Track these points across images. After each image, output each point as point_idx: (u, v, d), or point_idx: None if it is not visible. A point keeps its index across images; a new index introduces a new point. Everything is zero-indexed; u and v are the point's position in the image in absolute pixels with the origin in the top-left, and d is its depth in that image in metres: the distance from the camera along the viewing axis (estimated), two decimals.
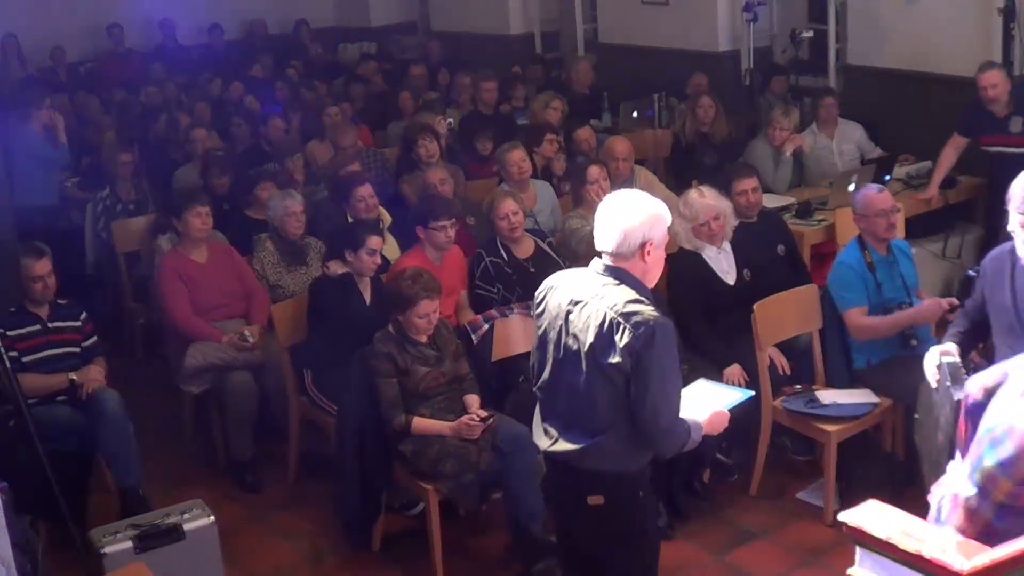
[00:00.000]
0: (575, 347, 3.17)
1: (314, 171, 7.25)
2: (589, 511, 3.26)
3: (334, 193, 6.08)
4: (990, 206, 6.97)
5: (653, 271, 3.24)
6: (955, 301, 4.64)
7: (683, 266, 5.05)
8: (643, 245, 3.16)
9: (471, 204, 6.32)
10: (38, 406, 4.67)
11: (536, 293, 3.41)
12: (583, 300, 3.17)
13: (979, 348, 4.11)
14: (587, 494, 3.25)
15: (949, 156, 6.57)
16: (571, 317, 3.19)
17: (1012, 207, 3.44)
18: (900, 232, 4.97)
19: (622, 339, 3.05)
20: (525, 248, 5.46)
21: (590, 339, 3.11)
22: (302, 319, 5.29)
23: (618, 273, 3.18)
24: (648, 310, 3.08)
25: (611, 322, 3.08)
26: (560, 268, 5.22)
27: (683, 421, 3.21)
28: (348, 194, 5.90)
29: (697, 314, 5.01)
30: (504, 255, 5.40)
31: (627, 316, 3.06)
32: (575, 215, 5.76)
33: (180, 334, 5.45)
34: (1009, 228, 3.52)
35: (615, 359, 3.06)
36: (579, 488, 3.28)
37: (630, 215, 3.17)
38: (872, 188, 4.99)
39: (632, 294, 3.13)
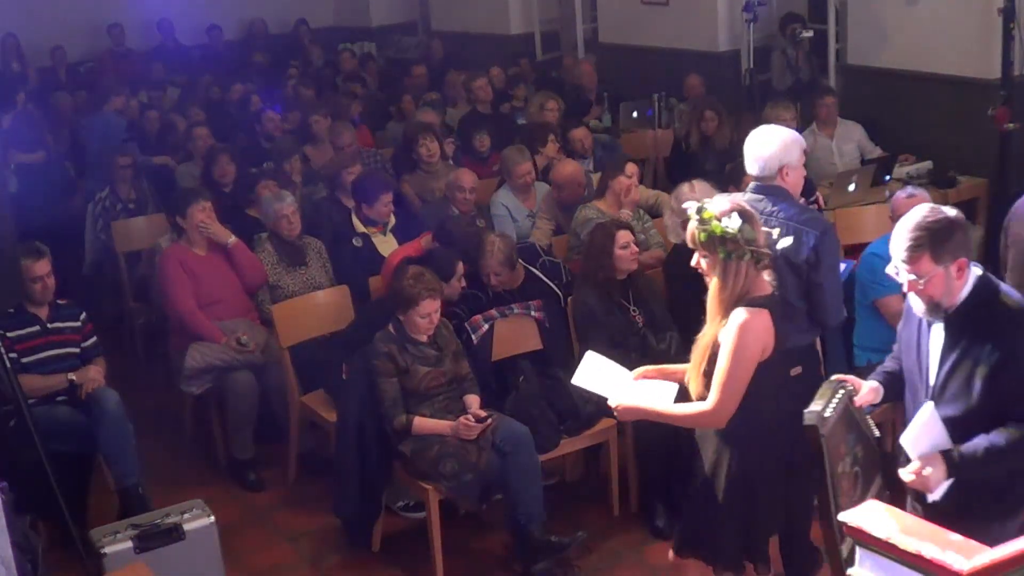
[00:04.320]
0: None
1: (312, 171, 7.25)
2: (792, 380, 3.57)
3: (357, 194, 6.05)
4: (991, 206, 7.00)
5: (795, 189, 4.05)
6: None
7: (676, 263, 5.05)
8: (781, 168, 3.94)
9: (478, 204, 6.34)
10: (38, 406, 4.66)
11: None
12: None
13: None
14: (792, 367, 3.61)
15: None
16: None
17: (895, 259, 3.06)
18: None
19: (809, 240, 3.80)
20: (515, 278, 5.25)
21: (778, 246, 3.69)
22: (302, 318, 5.30)
23: (768, 190, 3.93)
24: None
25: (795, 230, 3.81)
26: (549, 290, 5.24)
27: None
28: (373, 199, 5.88)
29: (695, 311, 4.99)
30: (487, 292, 5.20)
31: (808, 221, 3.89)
32: (591, 207, 5.76)
33: (182, 327, 5.45)
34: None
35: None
36: (787, 364, 3.57)
37: (765, 144, 3.92)
38: (903, 193, 4.89)
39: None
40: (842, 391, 3.14)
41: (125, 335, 6.90)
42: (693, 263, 3.37)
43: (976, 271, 3.05)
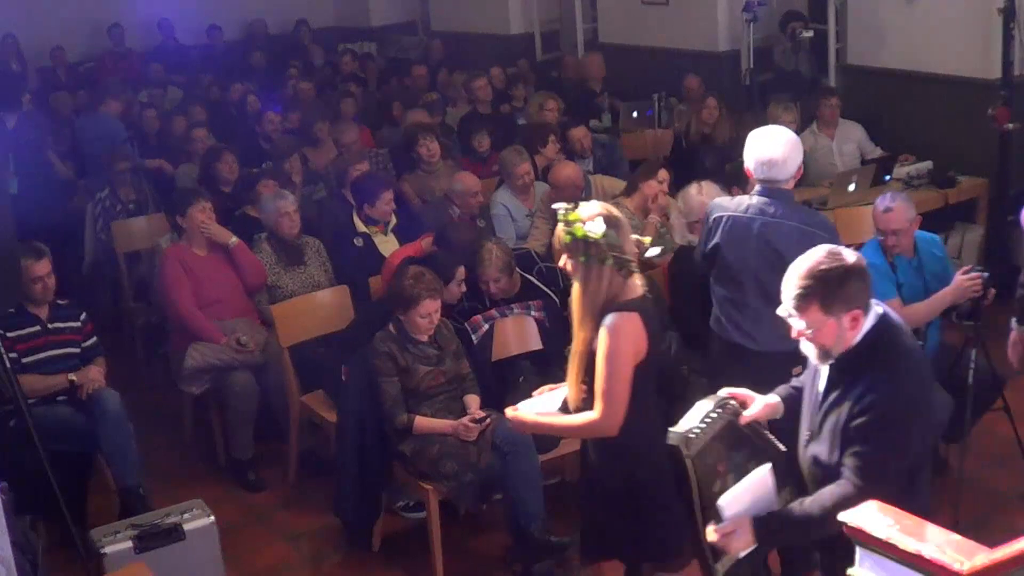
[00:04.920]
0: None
1: (312, 171, 7.26)
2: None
3: (357, 193, 6.06)
4: (991, 206, 7.00)
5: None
6: (969, 269, 4.59)
7: (681, 265, 5.06)
8: (796, 172, 4.08)
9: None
10: (38, 406, 4.67)
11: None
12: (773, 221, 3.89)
13: None
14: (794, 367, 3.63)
15: None
16: (767, 235, 3.93)
17: (784, 298, 2.90)
18: (909, 242, 4.86)
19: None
20: (513, 285, 5.23)
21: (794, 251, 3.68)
22: (302, 318, 5.30)
23: (777, 193, 4.00)
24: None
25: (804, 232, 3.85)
26: (547, 297, 5.24)
27: None
28: (374, 197, 5.88)
29: (697, 312, 5.00)
30: (485, 301, 5.19)
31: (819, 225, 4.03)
32: (620, 204, 5.77)
33: (182, 326, 5.45)
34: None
35: None
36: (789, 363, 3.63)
37: (778, 146, 4.00)
38: (880, 205, 4.80)
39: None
40: (720, 409, 3.02)
41: (125, 335, 6.90)
42: (560, 264, 3.37)
43: (876, 312, 2.86)
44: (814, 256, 2.85)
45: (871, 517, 2.54)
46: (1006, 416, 4.79)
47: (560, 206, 3.27)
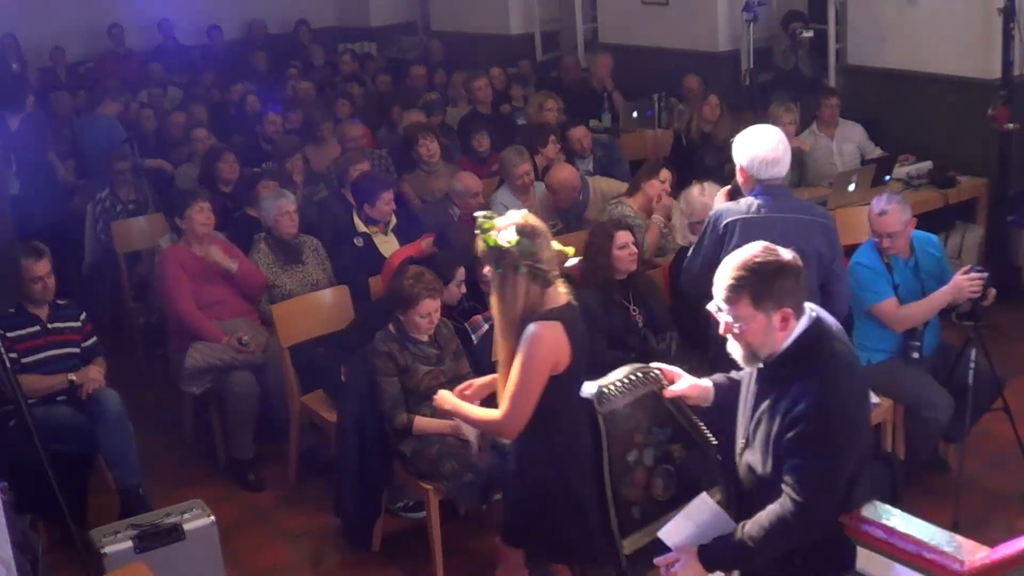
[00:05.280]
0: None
1: (313, 171, 7.26)
2: None
3: (357, 193, 6.06)
4: (991, 206, 7.00)
5: None
6: (969, 269, 4.60)
7: (682, 265, 5.04)
8: (789, 168, 4.09)
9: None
10: (38, 406, 4.67)
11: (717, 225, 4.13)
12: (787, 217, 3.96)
13: None
14: None
15: None
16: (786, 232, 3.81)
17: (716, 290, 2.86)
18: (905, 244, 4.87)
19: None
20: None
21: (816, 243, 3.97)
22: (302, 318, 5.30)
23: (777, 191, 4.05)
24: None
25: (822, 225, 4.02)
26: None
27: None
28: (374, 197, 5.88)
29: (698, 312, 4.99)
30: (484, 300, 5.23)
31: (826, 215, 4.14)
32: (625, 204, 5.79)
33: (182, 327, 5.45)
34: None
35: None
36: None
37: (773, 146, 3.98)
38: (875, 208, 4.78)
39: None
40: (641, 374, 3.00)
41: (125, 335, 6.90)
42: (485, 271, 3.38)
43: (809, 316, 2.81)
44: (750, 250, 2.82)
45: (871, 517, 2.55)
46: (1006, 416, 4.78)
47: (480, 214, 3.28)
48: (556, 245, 3.31)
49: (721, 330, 2.84)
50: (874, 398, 4.81)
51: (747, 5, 7.62)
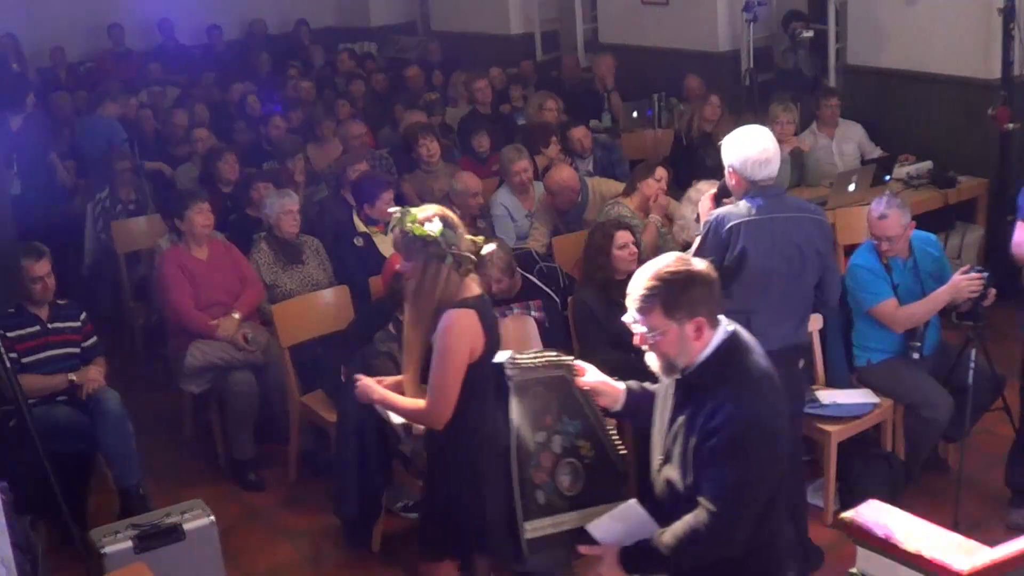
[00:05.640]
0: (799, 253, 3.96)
1: (314, 171, 7.26)
2: (796, 375, 4.09)
3: (357, 194, 6.06)
4: (991, 206, 7.00)
5: None
6: (969, 269, 4.62)
7: None
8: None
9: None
10: (38, 406, 4.67)
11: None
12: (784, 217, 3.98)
13: None
14: (799, 360, 4.10)
15: None
16: (785, 231, 3.96)
17: (629, 302, 2.82)
18: (904, 245, 4.87)
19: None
20: (514, 285, 5.21)
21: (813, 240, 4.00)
22: (302, 318, 5.30)
23: (772, 191, 4.03)
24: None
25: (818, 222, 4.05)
26: (547, 297, 5.24)
27: None
28: (374, 197, 5.88)
29: None
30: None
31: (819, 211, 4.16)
32: (622, 205, 5.78)
33: (180, 328, 5.45)
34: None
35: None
36: (797, 356, 4.09)
37: (766, 146, 3.97)
38: (875, 211, 4.78)
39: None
40: (555, 355, 3.02)
41: (125, 335, 6.90)
42: (398, 267, 3.42)
43: (725, 330, 2.80)
44: (662, 260, 2.82)
45: (871, 517, 2.55)
46: (1006, 416, 4.79)
47: (395, 210, 3.35)
48: (468, 236, 3.40)
49: (636, 341, 2.83)
50: (874, 398, 4.83)
51: (747, 5, 7.62)
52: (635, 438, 4.78)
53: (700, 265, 2.80)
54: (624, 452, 3.10)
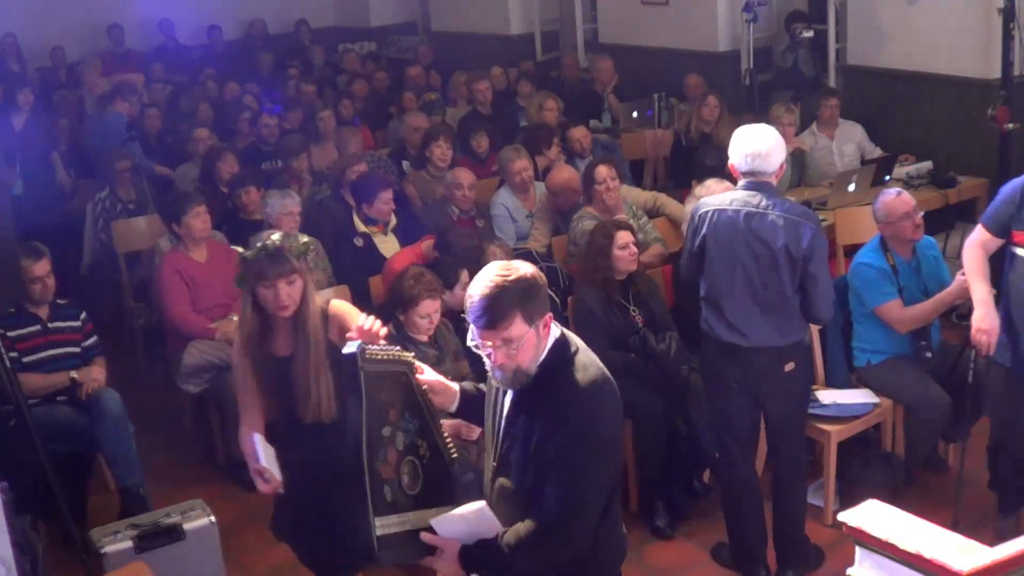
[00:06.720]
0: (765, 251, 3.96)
1: (315, 172, 7.25)
2: (786, 377, 4.11)
3: (356, 193, 6.06)
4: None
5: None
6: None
7: None
8: (780, 166, 4.05)
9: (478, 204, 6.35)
10: (38, 406, 4.67)
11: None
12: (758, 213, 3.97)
13: None
14: (786, 363, 4.09)
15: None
16: (753, 226, 3.96)
17: (476, 330, 2.74)
18: (920, 231, 4.87)
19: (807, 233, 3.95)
20: None
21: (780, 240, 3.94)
22: None
23: (761, 186, 4.01)
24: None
25: (789, 221, 3.94)
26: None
27: None
28: (372, 197, 5.89)
29: (698, 312, 4.99)
30: None
31: (803, 215, 4.03)
32: (587, 215, 5.74)
33: (178, 333, 5.45)
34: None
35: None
36: (782, 360, 4.10)
37: (763, 142, 3.99)
38: (889, 194, 4.83)
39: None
40: (399, 350, 2.99)
41: (125, 335, 6.89)
42: (292, 285, 3.60)
43: (554, 335, 2.74)
44: (491, 272, 2.69)
45: (871, 517, 2.55)
46: None
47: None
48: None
49: (494, 363, 2.71)
50: (874, 398, 4.83)
51: (747, 5, 7.63)
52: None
53: (527, 268, 2.73)
54: (456, 456, 3.08)
